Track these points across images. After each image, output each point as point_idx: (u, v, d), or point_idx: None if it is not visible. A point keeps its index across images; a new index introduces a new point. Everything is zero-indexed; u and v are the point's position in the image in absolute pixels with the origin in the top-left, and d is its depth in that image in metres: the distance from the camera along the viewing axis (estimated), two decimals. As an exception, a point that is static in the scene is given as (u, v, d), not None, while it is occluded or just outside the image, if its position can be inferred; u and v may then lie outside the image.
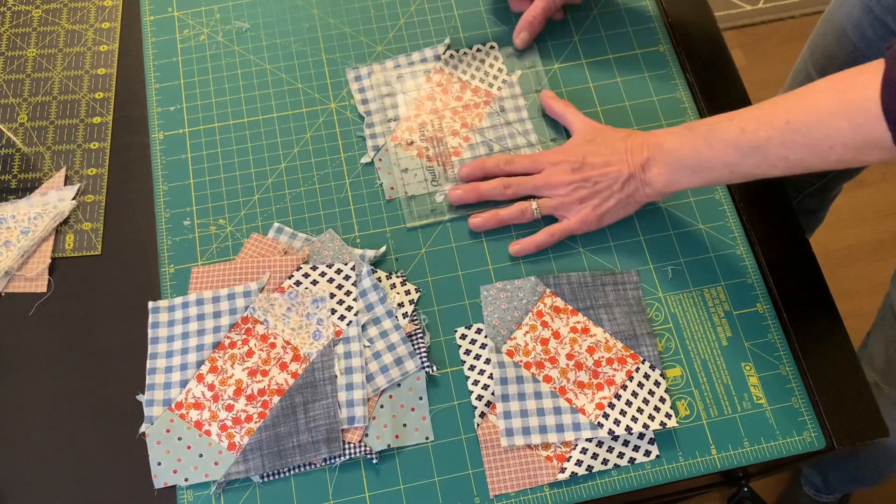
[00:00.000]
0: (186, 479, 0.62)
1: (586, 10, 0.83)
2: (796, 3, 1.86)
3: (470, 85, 0.79)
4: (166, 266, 0.71)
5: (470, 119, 0.77)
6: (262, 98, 0.78)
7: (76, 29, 0.83)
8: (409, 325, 0.67)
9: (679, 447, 0.64)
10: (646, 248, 0.71)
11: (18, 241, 0.71)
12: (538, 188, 0.71)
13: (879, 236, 1.62)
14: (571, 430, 0.63)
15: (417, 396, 0.65)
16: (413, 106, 0.78)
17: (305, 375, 0.65)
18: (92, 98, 0.79)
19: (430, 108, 0.77)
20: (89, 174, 0.76)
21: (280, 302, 0.68)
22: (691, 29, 0.81)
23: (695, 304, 0.69)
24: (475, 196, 0.72)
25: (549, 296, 0.68)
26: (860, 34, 0.85)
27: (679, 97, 0.78)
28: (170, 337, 0.67)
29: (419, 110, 0.77)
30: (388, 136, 0.76)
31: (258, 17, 0.83)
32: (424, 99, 0.78)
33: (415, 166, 0.75)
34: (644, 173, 0.67)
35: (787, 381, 0.66)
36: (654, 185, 0.66)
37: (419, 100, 0.78)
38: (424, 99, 0.78)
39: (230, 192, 0.74)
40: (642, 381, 0.65)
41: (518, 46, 0.80)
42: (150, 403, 0.65)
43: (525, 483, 0.62)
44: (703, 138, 0.63)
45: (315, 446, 0.63)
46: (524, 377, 0.65)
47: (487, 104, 0.78)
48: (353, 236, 0.72)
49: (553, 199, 0.71)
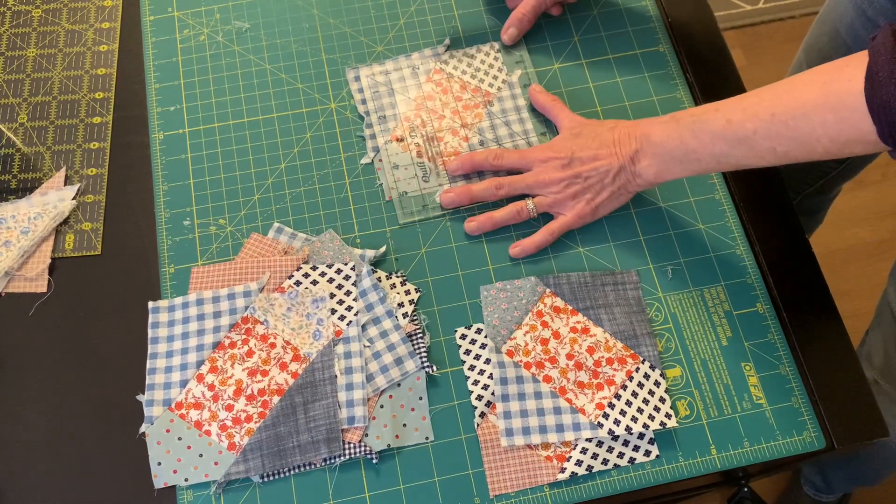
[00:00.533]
0: (186, 479, 0.62)
1: (586, 10, 0.83)
2: (796, 3, 1.86)
3: (469, 85, 0.79)
4: (166, 266, 0.71)
5: (469, 118, 0.77)
6: (262, 98, 0.78)
7: (76, 29, 0.83)
8: (409, 325, 0.67)
9: (679, 447, 0.64)
10: (646, 248, 0.71)
11: (18, 241, 0.71)
12: (530, 187, 0.71)
13: (879, 236, 1.62)
14: (571, 430, 0.63)
15: (417, 396, 0.65)
16: (412, 106, 0.78)
17: (305, 375, 0.65)
18: (92, 98, 0.79)
19: (429, 108, 0.77)
20: (89, 174, 0.76)
21: (280, 302, 0.68)
22: (691, 29, 0.81)
23: (695, 304, 0.69)
24: (467, 199, 0.72)
25: (549, 296, 0.68)
26: (853, 36, 0.86)
27: (679, 97, 0.78)
28: (170, 337, 0.67)
29: (418, 110, 0.77)
30: (388, 136, 0.76)
31: (258, 17, 0.83)
32: (424, 99, 0.78)
33: (406, 162, 0.75)
34: (634, 165, 0.67)
35: (787, 381, 0.66)
36: (645, 176, 0.67)
37: (418, 99, 0.78)
38: (424, 99, 0.78)
39: (230, 192, 0.74)
40: (642, 381, 0.65)
41: (506, 42, 0.80)
42: (150, 403, 0.65)
43: (525, 483, 0.62)
44: (690, 129, 0.62)
45: (315, 446, 0.63)
46: (524, 377, 0.65)
47: (487, 104, 0.78)
48: (353, 236, 0.72)
49: (547, 196, 0.71)
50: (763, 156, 0.59)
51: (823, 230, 1.29)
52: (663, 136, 0.64)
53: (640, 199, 0.73)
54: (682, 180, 0.74)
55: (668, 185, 0.74)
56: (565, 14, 0.83)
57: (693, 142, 0.62)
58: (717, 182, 0.74)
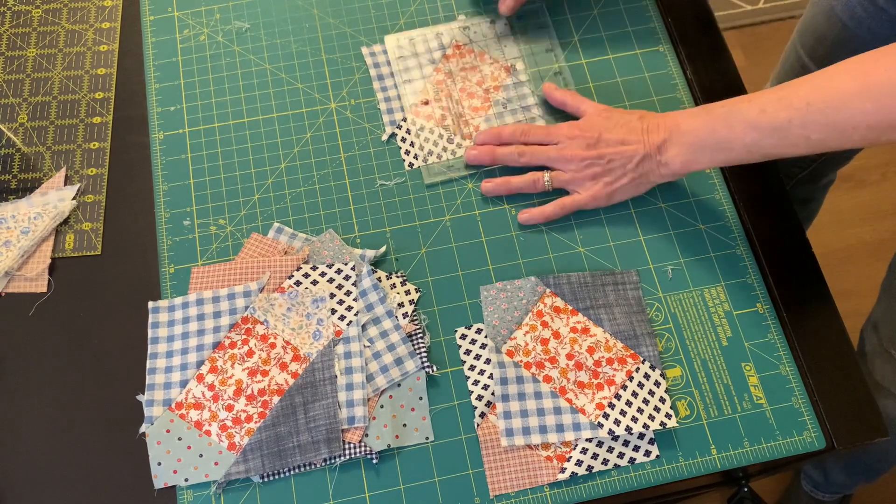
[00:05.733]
0: (186, 480, 0.62)
1: (586, 10, 0.83)
2: (796, 3, 1.85)
3: (488, 56, 0.80)
4: (166, 266, 0.71)
5: (488, 89, 0.78)
6: (262, 98, 0.78)
7: (76, 29, 0.83)
8: (409, 325, 0.67)
9: (679, 447, 0.64)
10: (646, 248, 0.71)
11: (18, 241, 0.71)
12: (552, 160, 0.72)
13: (879, 236, 1.62)
14: (571, 430, 0.63)
15: (417, 396, 0.65)
16: (431, 77, 0.79)
17: (305, 375, 0.65)
18: (92, 98, 0.79)
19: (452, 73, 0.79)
20: (89, 174, 0.76)
21: (280, 302, 0.68)
22: (691, 29, 0.81)
23: (695, 304, 0.69)
24: (490, 158, 0.74)
25: (549, 296, 0.68)
26: (849, 13, 0.86)
27: (679, 97, 0.78)
28: (170, 337, 0.67)
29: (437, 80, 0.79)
30: (408, 106, 0.77)
31: (258, 17, 0.83)
32: (442, 70, 0.79)
33: (431, 125, 0.76)
34: (661, 154, 0.67)
35: (787, 381, 0.66)
36: (671, 165, 0.67)
37: (436, 71, 0.79)
38: (442, 70, 0.79)
39: (230, 192, 0.74)
40: (642, 381, 0.65)
41: (503, 13, 0.81)
42: (150, 403, 0.65)
43: (525, 483, 0.62)
44: (723, 119, 0.64)
45: (315, 446, 0.63)
46: (524, 377, 0.65)
47: (508, 75, 0.79)
48: (353, 236, 0.72)
49: (566, 172, 0.71)
50: (797, 144, 0.61)
51: (823, 230, 1.29)
52: (695, 125, 0.65)
53: (639, 199, 0.73)
54: (683, 180, 0.74)
55: (668, 185, 0.74)
56: (565, 14, 0.83)
57: (725, 131, 0.63)
58: (717, 182, 0.74)
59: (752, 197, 0.73)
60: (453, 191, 0.74)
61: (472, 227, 0.72)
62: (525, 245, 0.71)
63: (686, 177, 0.74)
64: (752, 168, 0.74)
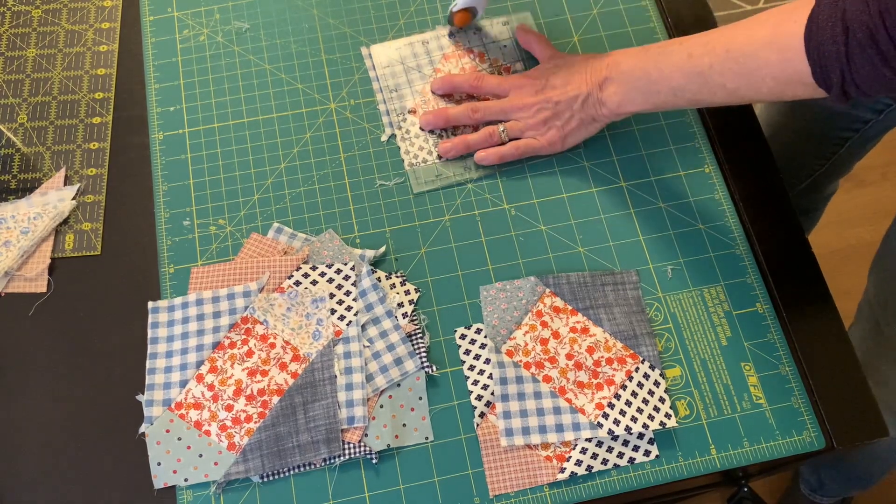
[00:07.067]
0: (186, 480, 0.62)
1: (586, 11, 0.83)
2: (796, 3, 1.85)
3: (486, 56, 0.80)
4: (166, 266, 0.71)
5: None
6: (262, 98, 0.78)
7: (76, 29, 0.83)
8: (409, 325, 0.67)
9: (679, 447, 0.64)
10: (646, 248, 0.71)
11: (18, 241, 0.71)
12: (504, 111, 0.73)
13: (879, 236, 1.61)
14: (571, 430, 0.63)
15: (417, 396, 0.65)
16: (428, 78, 0.79)
17: (305, 375, 0.65)
18: (92, 98, 0.79)
19: None
20: (89, 174, 0.76)
21: (280, 302, 0.68)
22: (691, 29, 0.81)
23: (695, 304, 0.69)
24: (443, 121, 0.74)
25: (548, 296, 0.68)
26: None
27: (679, 97, 0.78)
28: (169, 337, 0.67)
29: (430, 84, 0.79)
30: (407, 106, 0.77)
31: (258, 17, 0.83)
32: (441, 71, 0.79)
33: (420, 133, 0.76)
34: (601, 92, 0.68)
35: (787, 381, 0.66)
36: (608, 104, 0.68)
37: (436, 71, 0.79)
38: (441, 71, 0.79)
39: (230, 192, 0.74)
40: (642, 381, 0.65)
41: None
42: (149, 403, 0.65)
43: (525, 483, 0.62)
44: (654, 60, 0.64)
45: (315, 446, 0.63)
46: (524, 377, 0.65)
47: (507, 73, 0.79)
48: (353, 236, 0.72)
49: (519, 121, 0.73)
50: (715, 91, 0.61)
51: (823, 230, 1.29)
52: (631, 64, 0.66)
53: (640, 199, 0.73)
54: (682, 180, 0.74)
55: (668, 185, 0.74)
56: (565, 14, 0.83)
57: (655, 73, 0.64)
58: (716, 182, 0.74)
59: (751, 197, 0.73)
60: (453, 191, 0.74)
61: (471, 227, 0.72)
62: (524, 245, 0.71)
63: (685, 177, 0.74)
64: (752, 168, 0.74)
